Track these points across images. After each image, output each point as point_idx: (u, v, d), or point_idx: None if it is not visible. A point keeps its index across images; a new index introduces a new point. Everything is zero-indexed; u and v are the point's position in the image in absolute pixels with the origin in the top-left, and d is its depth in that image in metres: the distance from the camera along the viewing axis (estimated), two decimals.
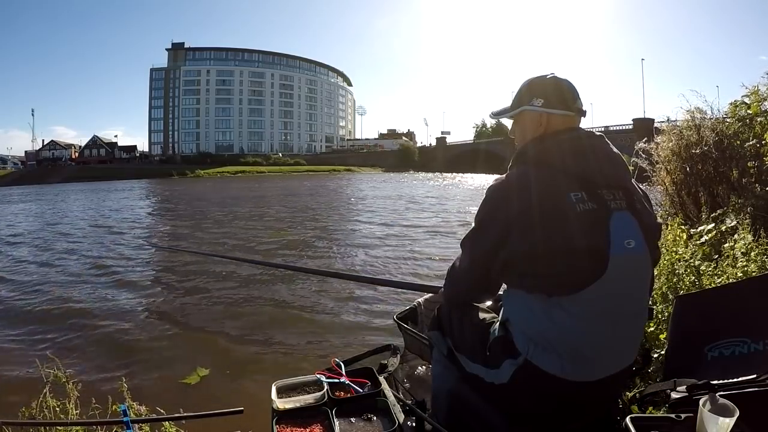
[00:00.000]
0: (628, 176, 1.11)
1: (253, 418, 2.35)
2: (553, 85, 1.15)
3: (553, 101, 1.12)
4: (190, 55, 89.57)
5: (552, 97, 1.12)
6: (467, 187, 30.29)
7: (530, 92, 1.15)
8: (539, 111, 1.13)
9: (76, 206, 21.82)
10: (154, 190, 34.36)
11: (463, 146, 76.14)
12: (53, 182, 54.95)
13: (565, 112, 1.12)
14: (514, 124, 1.22)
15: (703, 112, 3.43)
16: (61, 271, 7.62)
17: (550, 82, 1.15)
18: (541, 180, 1.02)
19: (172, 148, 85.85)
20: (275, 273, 6.87)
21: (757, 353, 1.14)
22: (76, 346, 4.29)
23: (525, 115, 1.17)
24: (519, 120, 1.20)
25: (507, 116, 1.23)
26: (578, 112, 1.14)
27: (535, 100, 1.13)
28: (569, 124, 1.13)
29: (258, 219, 14.12)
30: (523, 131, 1.18)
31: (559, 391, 1.03)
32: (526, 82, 1.18)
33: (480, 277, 1.13)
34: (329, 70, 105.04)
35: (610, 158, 1.09)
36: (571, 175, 1.03)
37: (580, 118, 1.15)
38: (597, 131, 1.15)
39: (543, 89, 1.14)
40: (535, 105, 1.13)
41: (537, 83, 1.16)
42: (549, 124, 1.12)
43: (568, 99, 1.13)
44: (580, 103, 1.15)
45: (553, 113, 1.12)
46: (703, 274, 1.87)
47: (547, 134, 1.11)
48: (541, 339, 1.02)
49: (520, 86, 1.19)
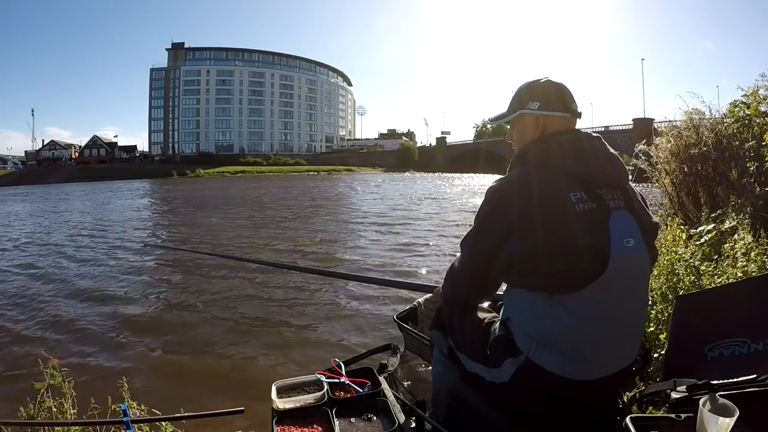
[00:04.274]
0: (627, 177, 1.13)
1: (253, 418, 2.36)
2: (548, 88, 1.17)
3: (549, 104, 1.14)
4: (190, 55, 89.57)
5: (548, 99, 1.15)
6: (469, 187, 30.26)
7: (526, 96, 1.18)
8: (536, 113, 1.15)
9: (75, 206, 21.82)
10: (154, 190, 34.36)
11: (463, 146, 76.21)
12: (53, 182, 55.01)
13: (561, 114, 1.14)
14: (512, 128, 1.24)
15: (702, 113, 3.44)
16: (61, 271, 7.62)
17: (545, 85, 1.18)
18: (542, 180, 1.03)
19: (172, 148, 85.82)
20: (275, 273, 6.88)
21: (757, 353, 1.14)
22: (76, 346, 4.29)
23: (522, 118, 1.19)
24: (516, 123, 1.22)
25: (504, 121, 1.25)
26: (574, 114, 1.16)
27: (531, 104, 1.16)
28: (566, 125, 1.15)
29: (259, 219, 14.13)
30: (520, 134, 1.20)
31: (560, 390, 1.03)
32: (522, 86, 1.21)
33: (479, 277, 1.13)
34: (329, 70, 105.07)
35: (610, 159, 1.10)
36: (571, 176, 1.04)
37: (576, 120, 1.17)
38: (597, 131, 1.18)
39: (538, 92, 1.16)
40: (532, 108, 1.15)
41: (533, 87, 1.18)
42: (546, 126, 1.14)
43: (564, 101, 1.15)
44: (575, 105, 1.17)
45: (550, 115, 1.14)
46: (703, 274, 1.87)
47: (547, 135, 1.13)
48: (543, 338, 1.02)
49: (515, 91, 1.22)
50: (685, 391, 1.08)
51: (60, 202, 25.21)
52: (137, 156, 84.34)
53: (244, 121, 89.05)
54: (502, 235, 1.03)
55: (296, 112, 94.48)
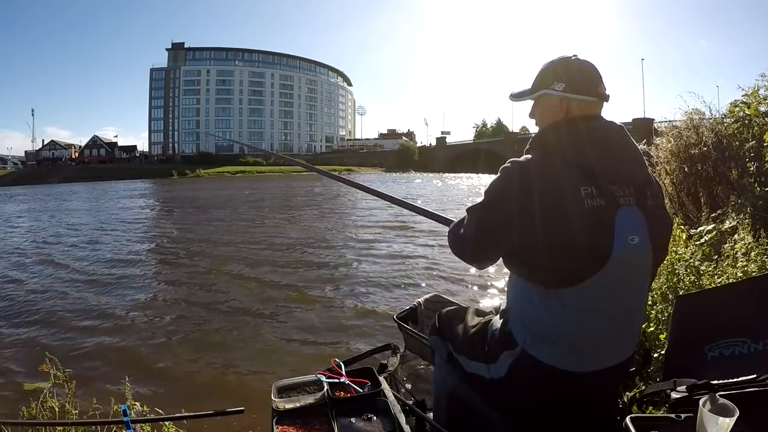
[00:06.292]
0: (642, 171, 1.07)
1: (253, 418, 2.36)
2: (575, 68, 1.09)
3: (575, 86, 1.07)
4: (190, 55, 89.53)
5: (573, 81, 1.08)
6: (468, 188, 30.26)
7: (552, 75, 1.10)
8: (560, 95, 1.08)
9: (75, 206, 21.81)
10: (154, 190, 34.35)
11: (463, 146, 76.10)
12: (53, 182, 54.92)
13: (586, 98, 1.08)
14: (534, 106, 1.17)
15: (702, 113, 3.44)
16: (62, 271, 7.62)
17: (573, 64, 1.10)
18: (554, 171, 1.01)
19: (172, 148, 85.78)
20: (275, 273, 6.89)
21: (757, 353, 1.14)
22: (77, 347, 4.29)
23: (545, 99, 1.12)
24: (539, 102, 1.15)
25: (527, 98, 1.18)
26: (600, 98, 1.09)
27: (556, 84, 1.09)
28: (590, 110, 1.09)
29: (260, 219, 14.12)
30: (542, 114, 1.14)
31: (556, 383, 1.03)
32: (548, 63, 1.13)
33: (482, 249, 1.12)
34: (329, 70, 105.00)
35: (624, 153, 1.06)
36: (583, 168, 1.01)
37: (602, 103, 1.10)
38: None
39: (565, 72, 1.09)
40: (557, 89, 1.09)
41: (560, 65, 1.11)
42: (570, 108, 1.08)
43: (591, 84, 1.08)
44: (603, 87, 1.10)
45: (574, 98, 1.07)
46: (703, 274, 1.87)
47: (566, 121, 1.08)
48: (539, 330, 1.03)
49: (541, 67, 1.14)
50: (685, 391, 1.08)
51: (60, 202, 25.19)
52: (137, 156, 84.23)
53: (244, 121, 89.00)
54: (505, 219, 1.02)
55: (296, 112, 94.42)
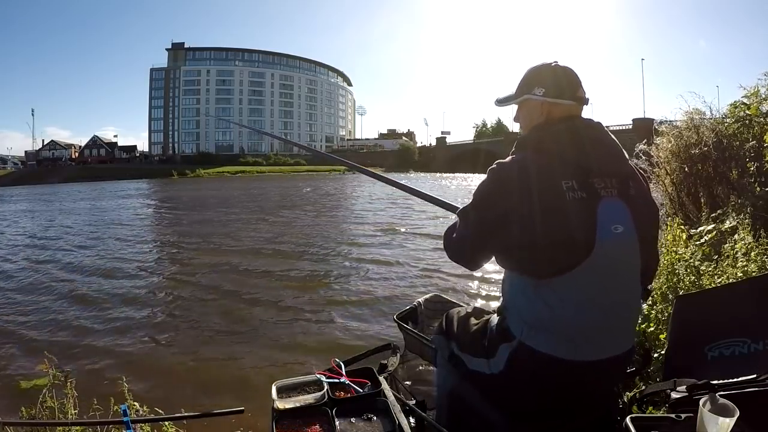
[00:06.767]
0: (624, 163, 1.13)
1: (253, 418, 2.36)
2: (555, 74, 1.16)
3: (554, 90, 1.14)
4: (190, 55, 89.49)
5: (553, 86, 1.14)
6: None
7: (533, 81, 1.17)
8: (540, 100, 1.15)
9: (75, 206, 21.82)
10: (154, 190, 34.35)
11: (463, 146, 76.09)
12: (53, 182, 54.94)
13: (565, 101, 1.14)
14: (519, 110, 1.24)
15: (702, 113, 3.44)
16: (62, 271, 7.63)
17: (552, 70, 1.17)
18: (538, 168, 1.05)
19: (172, 147, 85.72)
20: (275, 273, 6.89)
21: (757, 353, 1.14)
22: (77, 347, 4.29)
23: (527, 103, 1.19)
24: (523, 107, 1.22)
25: (511, 104, 1.26)
26: (579, 101, 1.16)
27: (537, 89, 1.16)
28: (570, 112, 1.15)
29: (260, 219, 14.13)
30: (526, 118, 1.21)
31: (554, 373, 1.04)
32: (530, 70, 1.20)
33: (483, 244, 1.15)
34: (329, 70, 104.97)
35: (605, 146, 1.11)
36: (565, 164, 1.06)
37: (581, 106, 1.17)
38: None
39: (545, 78, 1.16)
40: (537, 94, 1.15)
41: (539, 72, 1.18)
42: (551, 112, 1.15)
43: (570, 88, 1.15)
44: (582, 91, 1.16)
45: (554, 102, 1.14)
46: (703, 274, 1.87)
47: (547, 123, 1.14)
48: (534, 321, 1.05)
49: (524, 73, 1.21)
50: (685, 391, 1.08)
51: (60, 202, 25.21)
52: (137, 156, 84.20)
53: (244, 121, 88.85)
54: (497, 220, 1.06)
55: (296, 112, 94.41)
